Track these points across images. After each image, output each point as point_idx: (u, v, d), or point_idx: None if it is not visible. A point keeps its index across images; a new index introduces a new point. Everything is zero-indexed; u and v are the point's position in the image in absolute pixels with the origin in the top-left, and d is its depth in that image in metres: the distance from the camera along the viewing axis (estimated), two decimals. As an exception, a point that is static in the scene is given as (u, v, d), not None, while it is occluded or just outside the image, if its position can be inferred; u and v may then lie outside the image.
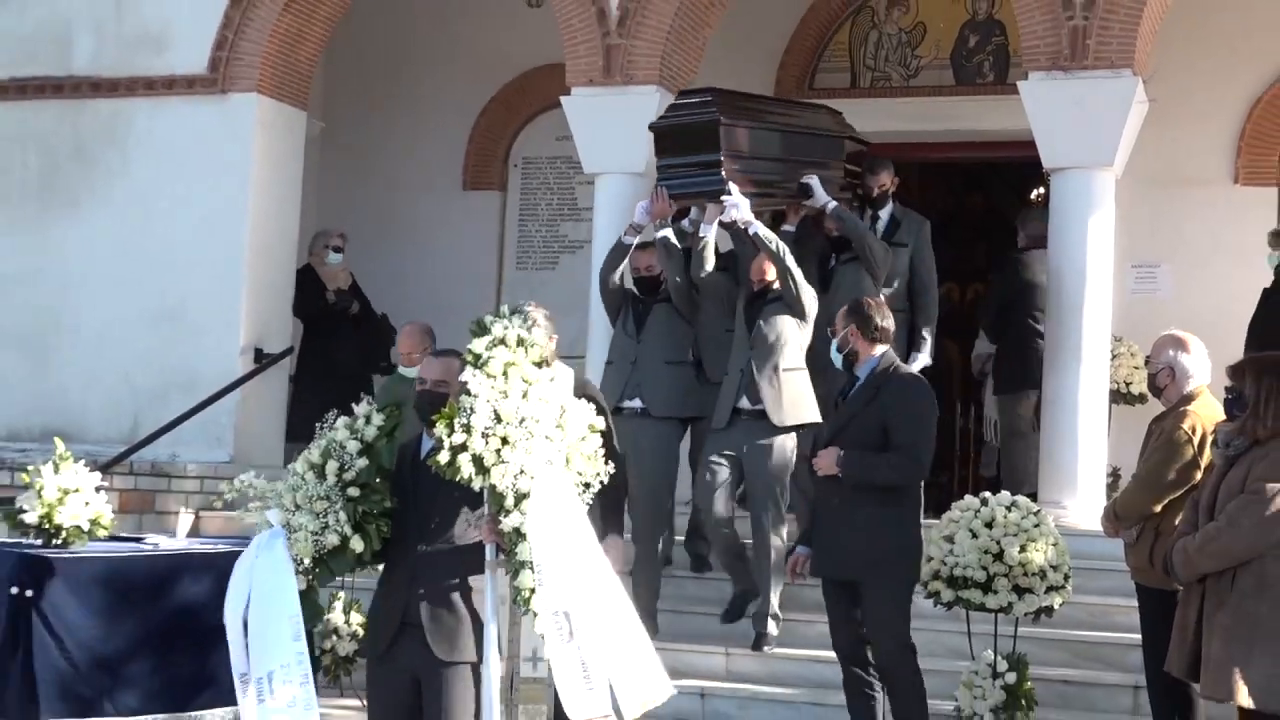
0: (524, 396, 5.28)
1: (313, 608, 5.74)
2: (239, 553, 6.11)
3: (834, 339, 6.91)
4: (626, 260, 8.75)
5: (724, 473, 8.23)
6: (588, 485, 5.40)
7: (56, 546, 7.48)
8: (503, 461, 5.18)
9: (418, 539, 5.56)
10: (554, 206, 13.40)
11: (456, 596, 5.46)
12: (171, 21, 11.34)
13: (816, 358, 8.19)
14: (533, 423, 5.25)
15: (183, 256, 11.04)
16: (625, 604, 5.37)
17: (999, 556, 7.02)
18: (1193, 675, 5.97)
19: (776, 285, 8.23)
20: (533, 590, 5.18)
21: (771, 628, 8.29)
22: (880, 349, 6.84)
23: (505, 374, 5.29)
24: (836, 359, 6.92)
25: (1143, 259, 11.62)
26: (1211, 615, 5.87)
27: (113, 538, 7.85)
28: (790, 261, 8.14)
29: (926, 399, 6.87)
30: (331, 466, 5.53)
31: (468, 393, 5.26)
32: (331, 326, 11.52)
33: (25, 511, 7.57)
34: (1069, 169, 9.55)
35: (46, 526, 7.50)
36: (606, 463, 5.53)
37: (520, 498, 5.19)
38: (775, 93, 12.67)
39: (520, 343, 5.41)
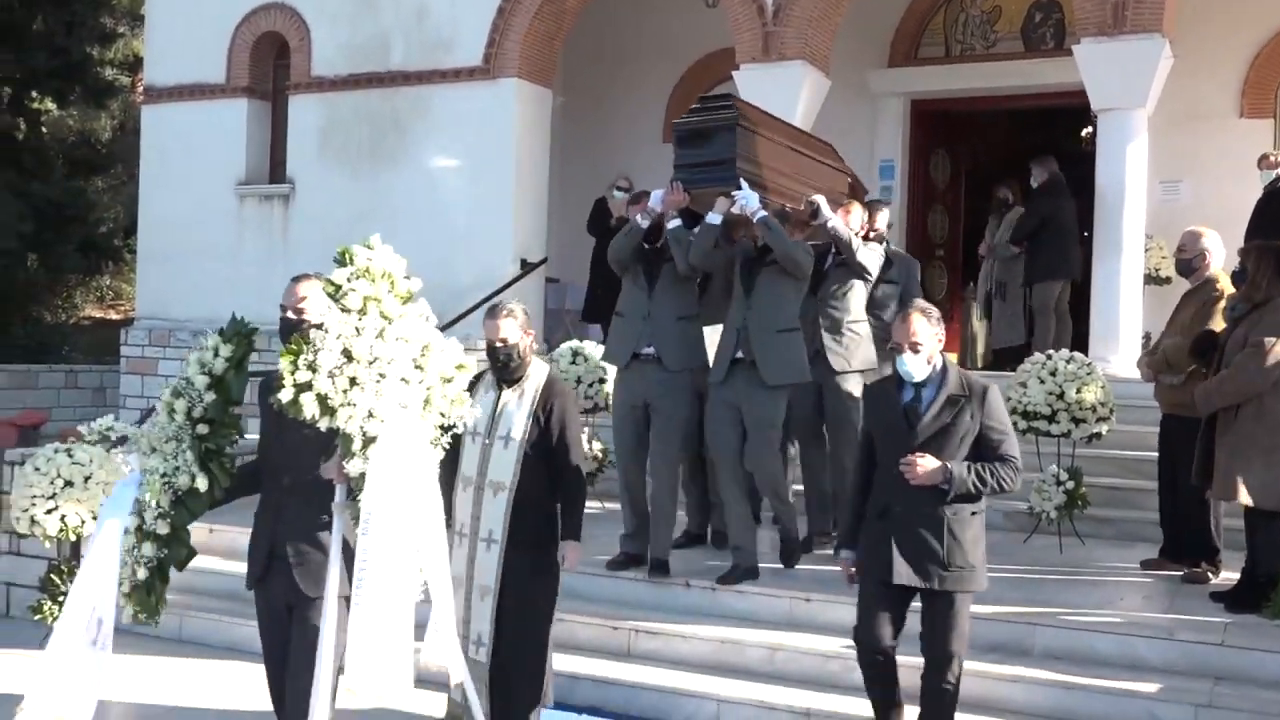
0: (380, 335, 3.77)
1: (180, 549, 4.13)
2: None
3: (910, 350, 4.59)
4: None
5: (730, 425, 6.32)
6: (448, 428, 3.95)
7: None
8: (350, 404, 3.72)
9: (284, 472, 4.25)
10: (727, 154, 13.16)
11: (322, 533, 4.13)
12: (457, 29, 11.39)
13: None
14: (386, 363, 3.76)
15: (468, 196, 11.20)
16: (426, 584, 3.86)
17: (1060, 396, 6.95)
18: (1208, 482, 5.88)
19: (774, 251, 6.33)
20: None
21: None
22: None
23: (364, 309, 3.78)
24: (917, 372, 4.59)
25: (1168, 176, 11.15)
26: (1221, 436, 5.81)
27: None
28: (786, 238, 6.22)
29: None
30: (180, 405, 4.07)
31: (319, 326, 3.78)
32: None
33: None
34: (1112, 110, 9.23)
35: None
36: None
37: (369, 442, 3.75)
38: (889, 61, 12.35)
39: (386, 276, 3.88)
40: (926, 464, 4.48)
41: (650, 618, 6.12)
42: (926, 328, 4.60)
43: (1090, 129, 10.73)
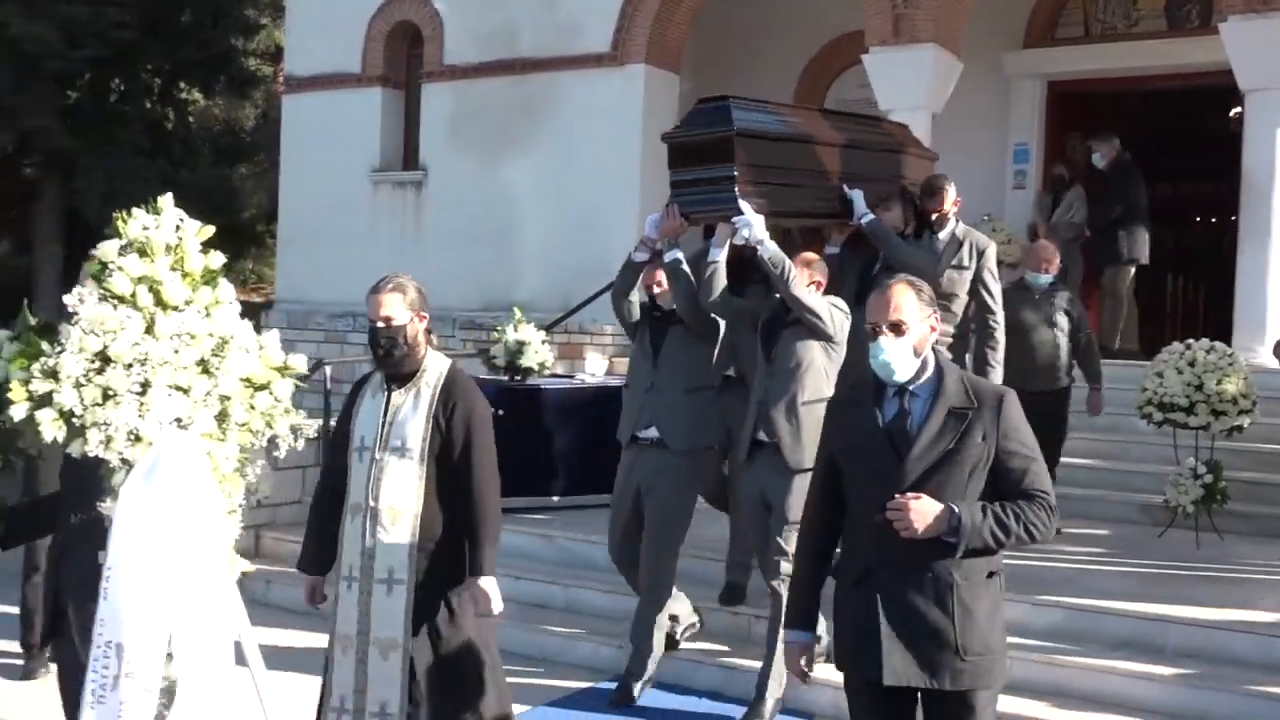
0: (149, 330, 2.86)
1: None
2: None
3: (891, 332, 3.17)
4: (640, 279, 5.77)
5: (754, 521, 5.32)
6: (269, 448, 3.09)
7: (517, 380, 7.81)
8: (103, 423, 2.83)
9: (71, 506, 3.37)
10: (858, 138, 12.98)
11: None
12: (585, 16, 11.49)
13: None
14: (157, 367, 2.83)
15: (595, 180, 11.28)
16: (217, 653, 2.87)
17: (1199, 387, 6.72)
18: None
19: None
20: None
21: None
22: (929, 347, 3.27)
23: (133, 295, 2.89)
24: (906, 369, 3.18)
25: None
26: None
27: (553, 375, 8.14)
28: (798, 286, 5.08)
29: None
30: None
31: (68, 319, 2.90)
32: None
33: (496, 357, 7.92)
34: (1261, 90, 8.88)
35: (510, 367, 7.84)
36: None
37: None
38: (1024, 42, 12.02)
39: (172, 250, 2.95)
40: (924, 509, 3.03)
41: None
42: (914, 304, 3.20)
43: (1240, 110, 10.32)
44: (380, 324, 3.86)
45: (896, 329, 3.17)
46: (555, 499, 7.62)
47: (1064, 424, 7.18)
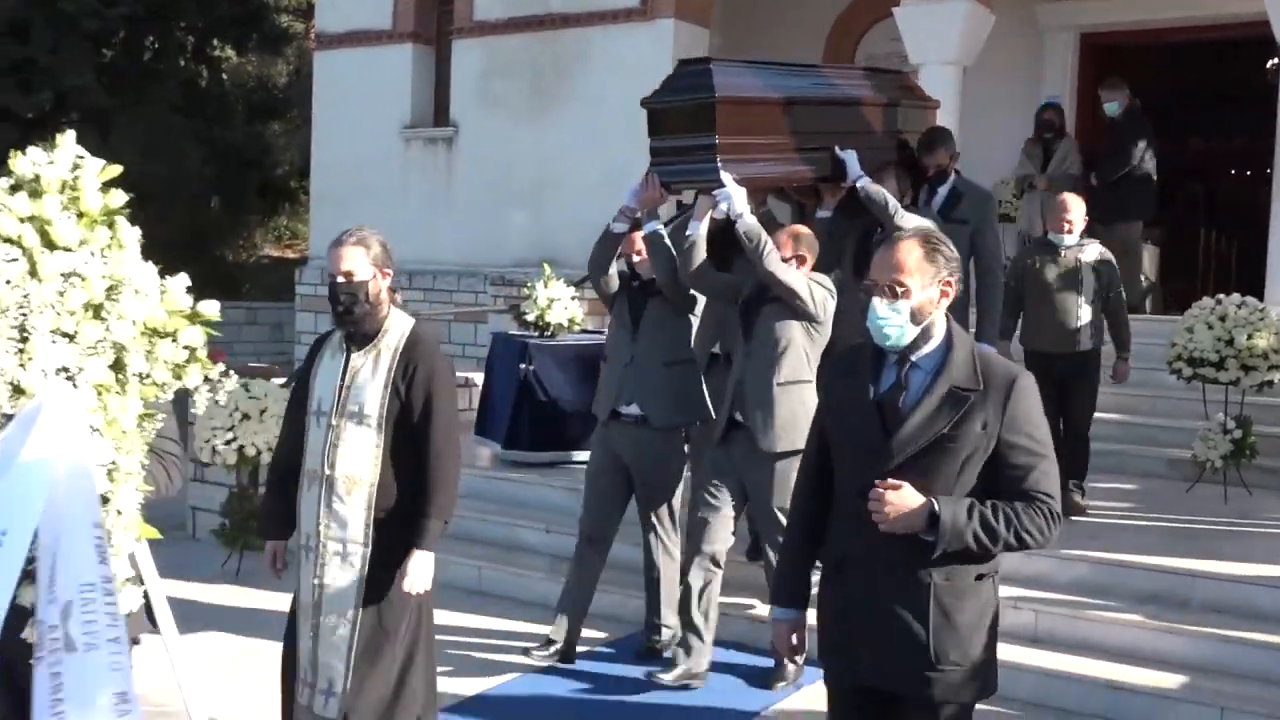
0: (32, 272, 2.56)
1: None
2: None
3: (891, 298, 2.78)
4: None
5: (723, 506, 5.06)
6: (151, 403, 2.69)
7: (546, 336, 7.83)
8: None
9: None
10: (888, 91, 12.81)
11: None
12: (614, -30, 11.39)
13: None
14: (39, 311, 2.53)
15: (625, 135, 11.15)
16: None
17: (1229, 343, 6.65)
18: None
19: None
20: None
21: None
22: (944, 314, 2.86)
23: (19, 237, 2.57)
24: (899, 335, 2.79)
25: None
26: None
27: (582, 331, 8.16)
28: (774, 262, 4.86)
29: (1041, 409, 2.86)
30: None
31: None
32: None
33: (526, 313, 7.94)
34: (1297, 41, 8.60)
35: (540, 323, 7.86)
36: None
37: None
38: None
39: (68, 187, 2.66)
40: (902, 501, 2.69)
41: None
42: (920, 263, 2.79)
43: (1276, 61, 10.14)
44: (340, 279, 3.65)
45: (893, 289, 2.78)
46: (584, 454, 7.65)
47: (1089, 389, 6.60)
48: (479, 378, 8.44)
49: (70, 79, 15.16)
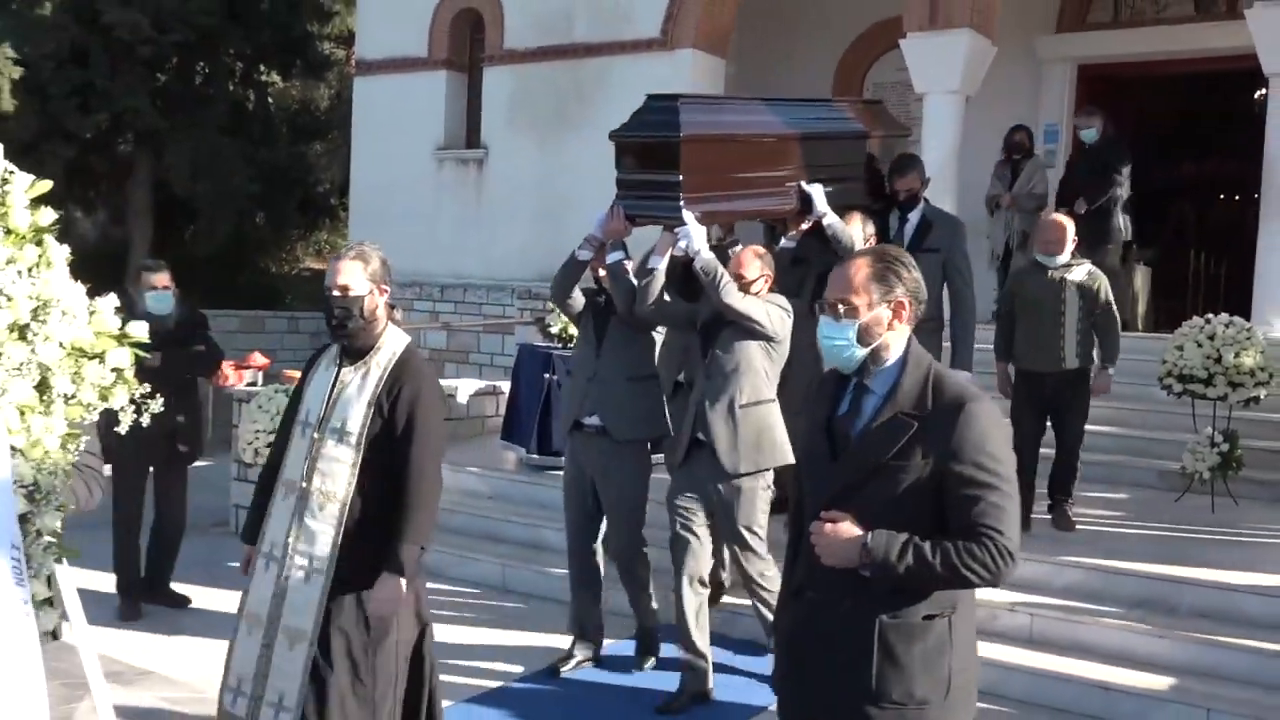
0: None
1: None
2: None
3: (835, 318, 2.55)
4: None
5: (698, 527, 4.90)
6: (76, 425, 2.46)
7: (569, 348, 7.82)
8: None
9: None
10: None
11: None
12: (636, 3, 11.39)
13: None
14: None
15: (646, 160, 11.22)
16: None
17: (1218, 360, 6.59)
18: None
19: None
20: None
21: None
22: (904, 337, 2.58)
23: None
24: (847, 355, 2.55)
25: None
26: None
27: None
28: (731, 295, 4.73)
29: (1008, 440, 2.49)
30: None
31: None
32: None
33: (550, 326, 7.95)
34: (1284, 73, 8.60)
35: (563, 335, 7.87)
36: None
37: None
38: (1056, 26, 11.80)
39: None
40: (836, 535, 2.44)
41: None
42: (870, 283, 2.54)
43: (1263, 91, 10.08)
44: (336, 293, 3.45)
45: (837, 308, 2.54)
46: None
47: (1080, 408, 6.36)
48: (506, 386, 8.44)
49: (126, 101, 15.30)
